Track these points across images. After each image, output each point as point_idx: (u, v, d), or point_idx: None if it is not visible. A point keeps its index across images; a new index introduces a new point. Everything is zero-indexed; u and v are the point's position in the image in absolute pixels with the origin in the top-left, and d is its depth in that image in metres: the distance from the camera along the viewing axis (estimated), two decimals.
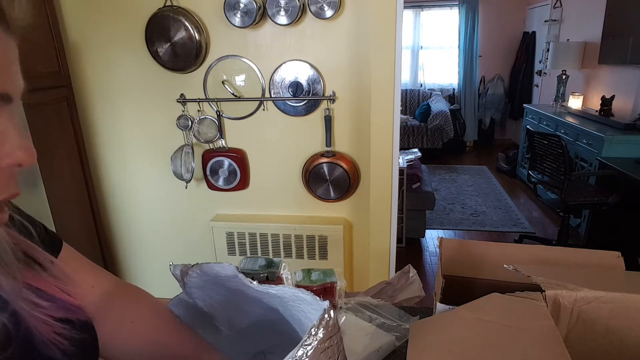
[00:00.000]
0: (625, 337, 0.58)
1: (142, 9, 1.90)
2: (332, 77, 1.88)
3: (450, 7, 6.02)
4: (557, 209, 2.97)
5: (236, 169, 2.06)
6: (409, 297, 1.00)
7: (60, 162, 2.02)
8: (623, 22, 3.37)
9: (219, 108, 2.01)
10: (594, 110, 3.67)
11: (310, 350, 0.40)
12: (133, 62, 2.01)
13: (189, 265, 0.57)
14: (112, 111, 2.13)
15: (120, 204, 2.30)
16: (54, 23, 1.93)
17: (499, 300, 0.60)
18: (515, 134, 6.10)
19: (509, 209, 3.96)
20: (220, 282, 0.57)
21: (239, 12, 1.76)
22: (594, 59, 3.83)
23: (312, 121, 1.97)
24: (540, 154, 2.95)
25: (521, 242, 3.27)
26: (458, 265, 0.75)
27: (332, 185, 1.98)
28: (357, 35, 1.80)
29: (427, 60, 6.33)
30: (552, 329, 0.53)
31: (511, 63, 6.08)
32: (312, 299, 0.47)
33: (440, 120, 5.40)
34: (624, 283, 0.63)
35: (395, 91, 1.74)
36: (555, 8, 4.81)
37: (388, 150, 1.83)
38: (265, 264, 0.89)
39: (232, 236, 2.12)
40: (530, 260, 0.75)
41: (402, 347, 0.83)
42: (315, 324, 0.41)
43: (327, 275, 0.89)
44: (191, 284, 0.59)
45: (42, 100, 1.89)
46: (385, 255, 2.00)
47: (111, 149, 2.20)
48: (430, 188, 3.24)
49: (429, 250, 3.26)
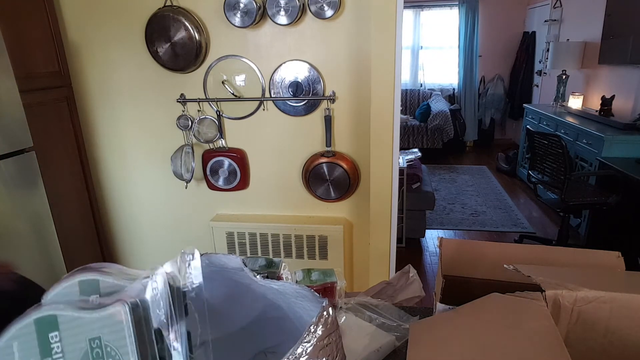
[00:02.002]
0: (625, 337, 0.58)
1: (142, 9, 1.90)
2: (332, 77, 1.88)
3: (450, 7, 6.03)
4: (557, 209, 2.97)
5: (236, 169, 2.06)
6: (409, 297, 1.00)
7: (60, 162, 2.02)
8: (623, 22, 3.37)
9: (219, 108, 2.01)
10: (594, 110, 3.67)
11: (310, 347, 0.40)
12: (133, 62, 2.01)
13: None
14: (112, 111, 2.13)
15: (120, 203, 2.30)
16: (54, 23, 1.93)
17: (499, 300, 0.60)
18: (515, 134, 6.10)
19: (509, 209, 3.96)
20: (226, 274, 0.57)
21: (239, 12, 1.76)
22: (594, 59, 3.83)
23: (312, 121, 1.97)
24: (540, 154, 2.95)
25: (521, 242, 3.27)
26: (458, 265, 0.75)
27: (332, 185, 1.98)
28: (357, 35, 1.80)
29: (427, 60, 6.33)
30: (552, 329, 0.53)
31: (511, 63, 6.08)
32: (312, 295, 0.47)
33: (440, 120, 5.40)
34: (624, 283, 0.63)
35: (395, 91, 1.74)
36: (555, 8, 4.81)
37: (388, 150, 1.83)
38: (266, 263, 0.89)
39: (232, 236, 2.12)
40: (530, 260, 0.75)
41: (402, 347, 0.83)
42: (314, 321, 0.41)
43: (327, 275, 0.89)
44: None
45: (42, 100, 1.89)
46: (385, 255, 2.00)
47: (111, 149, 2.20)
48: (430, 188, 3.24)
49: (429, 250, 3.26)
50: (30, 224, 1.67)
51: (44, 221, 1.72)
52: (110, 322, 0.27)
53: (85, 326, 0.27)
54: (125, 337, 0.26)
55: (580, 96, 4.04)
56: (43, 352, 0.27)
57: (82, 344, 0.27)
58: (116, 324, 0.27)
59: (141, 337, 0.27)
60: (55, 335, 0.27)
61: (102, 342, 0.27)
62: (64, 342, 0.27)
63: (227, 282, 0.59)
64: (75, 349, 0.27)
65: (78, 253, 2.13)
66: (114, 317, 0.27)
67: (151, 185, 2.23)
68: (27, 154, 1.64)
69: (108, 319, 0.27)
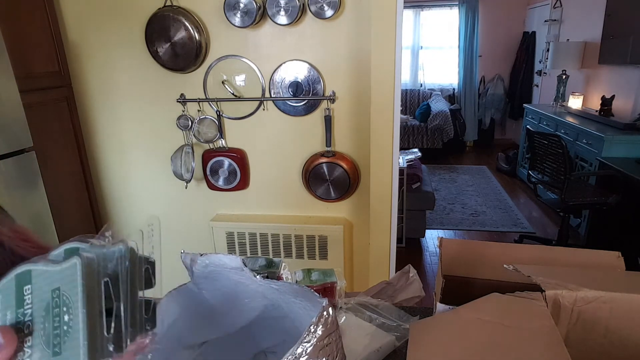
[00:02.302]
0: (625, 337, 0.58)
1: (142, 9, 1.90)
2: (332, 77, 1.88)
3: (450, 7, 6.03)
4: (557, 209, 2.97)
5: (236, 169, 2.06)
6: (409, 297, 1.00)
7: (60, 162, 2.02)
8: (623, 22, 3.37)
9: (219, 108, 2.01)
10: (594, 110, 3.67)
11: (310, 347, 0.40)
12: (133, 62, 2.01)
13: (198, 254, 0.58)
14: (112, 111, 2.13)
15: (120, 203, 2.30)
16: (54, 23, 1.93)
17: (499, 300, 0.60)
18: (515, 134, 6.10)
19: (509, 209, 3.96)
20: (226, 274, 0.57)
21: (239, 12, 1.76)
22: (594, 59, 3.83)
23: (312, 121, 1.97)
24: (540, 154, 2.95)
25: (521, 242, 3.27)
26: (458, 265, 0.75)
27: (332, 185, 1.98)
28: (357, 35, 1.80)
29: (427, 60, 6.33)
30: (552, 329, 0.53)
31: (511, 63, 6.08)
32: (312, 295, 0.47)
33: (440, 120, 5.40)
34: (624, 283, 0.63)
35: (395, 91, 1.74)
36: (555, 8, 4.81)
37: (388, 150, 1.83)
38: (266, 263, 0.89)
39: (232, 236, 2.12)
40: (530, 260, 0.75)
41: (402, 347, 0.82)
42: (313, 321, 0.41)
43: (327, 275, 0.89)
44: (199, 273, 0.60)
45: (42, 100, 1.89)
46: (385, 255, 2.00)
47: (111, 149, 2.20)
48: (430, 188, 3.24)
49: (429, 250, 3.26)
50: (30, 224, 1.67)
51: (44, 221, 1.72)
52: (68, 273, 0.29)
53: (51, 278, 0.30)
54: (77, 286, 0.29)
55: (580, 96, 4.04)
56: (18, 303, 0.30)
57: (46, 295, 0.29)
58: (72, 274, 0.29)
59: (91, 288, 0.29)
60: (28, 288, 0.30)
61: (60, 291, 0.29)
62: (34, 294, 0.30)
63: (227, 282, 0.59)
64: (41, 299, 0.29)
65: None
66: (71, 268, 0.29)
67: (151, 185, 2.23)
68: (27, 154, 1.64)
69: (67, 270, 0.29)
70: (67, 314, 0.29)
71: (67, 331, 0.29)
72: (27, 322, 0.29)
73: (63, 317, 0.29)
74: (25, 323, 0.29)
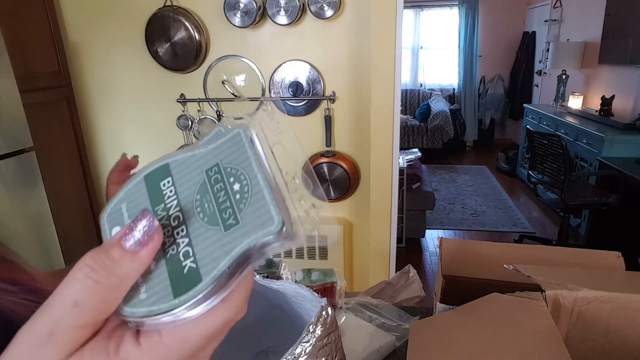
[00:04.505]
0: (625, 337, 0.58)
1: (142, 9, 1.90)
2: (332, 77, 1.88)
3: (450, 7, 6.03)
4: (557, 209, 2.97)
5: None
6: (409, 297, 1.00)
7: (60, 162, 2.02)
8: (623, 22, 3.37)
9: (219, 108, 2.01)
10: (594, 110, 3.67)
11: (309, 347, 0.40)
12: (133, 62, 2.01)
13: None
14: (112, 111, 2.13)
15: None
16: (54, 23, 1.93)
17: (499, 300, 0.60)
18: (515, 134, 6.10)
19: (509, 209, 3.96)
20: None
21: (239, 12, 1.76)
22: (594, 59, 3.83)
23: (312, 121, 1.97)
24: (540, 154, 2.95)
25: (521, 242, 3.27)
26: (458, 265, 0.75)
27: (332, 185, 1.98)
28: (357, 35, 1.80)
29: (427, 60, 6.33)
30: (552, 329, 0.53)
31: (511, 63, 6.08)
32: (311, 295, 0.47)
33: (440, 120, 5.40)
34: (624, 283, 0.63)
35: (395, 91, 1.74)
36: (555, 8, 4.81)
37: (388, 150, 1.83)
38: (265, 263, 0.89)
39: None
40: (530, 260, 0.75)
41: (402, 347, 0.82)
42: (312, 321, 0.41)
43: (327, 275, 0.89)
44: None
45: (42, 100, 1.89)
46: (385, 255, 2.00)
47: (111, 149, 2.20)
48: (430, 188, 3.24)
49: (429, 250, 3.25)
50: (30, 224, 1.67)
51: (44, 221, 1.72)
52: (228, 146, 0.26)
53: (201, 159, 0.27)
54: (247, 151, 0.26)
55: (580, 96, 4.04)
56: (154, 201, 0.27)
57: (197, 178, 0.26)
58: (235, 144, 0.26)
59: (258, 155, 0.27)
60: (167, 181, 0.27)
61: (220, 167, 0.26)
62: (177, 183, 0.27)
63: None
64: (190, 185, 0.26)
65: (78, 253, 2.12)
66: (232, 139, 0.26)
67: None
68: (27, 154, 1.64)
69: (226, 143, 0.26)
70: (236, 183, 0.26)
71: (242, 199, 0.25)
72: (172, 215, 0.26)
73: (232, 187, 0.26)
74: (171, 216, 0.26)
